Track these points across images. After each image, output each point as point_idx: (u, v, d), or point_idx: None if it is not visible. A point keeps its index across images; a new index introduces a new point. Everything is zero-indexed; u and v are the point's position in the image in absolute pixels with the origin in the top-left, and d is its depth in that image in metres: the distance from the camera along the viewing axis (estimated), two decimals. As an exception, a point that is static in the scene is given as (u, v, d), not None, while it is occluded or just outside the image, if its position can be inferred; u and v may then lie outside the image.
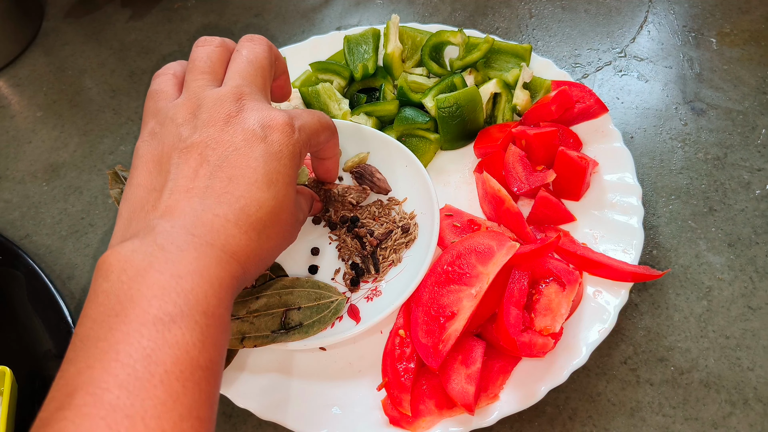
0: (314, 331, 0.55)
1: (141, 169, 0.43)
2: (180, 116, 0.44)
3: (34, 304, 0.64)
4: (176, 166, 0.42)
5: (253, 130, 0.43)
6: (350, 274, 0.61)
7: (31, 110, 0.87)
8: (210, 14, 0.97)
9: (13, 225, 0.75)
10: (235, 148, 0.42)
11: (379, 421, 0.53)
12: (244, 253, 0.41)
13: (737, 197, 0.67)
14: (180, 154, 0.42)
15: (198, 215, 0.40)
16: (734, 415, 0.54)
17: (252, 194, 0.42)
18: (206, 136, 0.42)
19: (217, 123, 0.43)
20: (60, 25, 0.98)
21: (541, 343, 0.50)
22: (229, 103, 0.44)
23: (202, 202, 0.40)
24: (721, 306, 0.60)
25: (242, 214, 0.41)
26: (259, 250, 0.42)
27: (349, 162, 0.67)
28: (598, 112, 0.68)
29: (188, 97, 0.45)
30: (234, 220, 0.40)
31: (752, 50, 0.80)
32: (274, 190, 0.43)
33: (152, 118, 0.46)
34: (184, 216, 0.39)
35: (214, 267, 0.38)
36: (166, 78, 0.48)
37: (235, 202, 0.41)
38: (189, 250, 0.38)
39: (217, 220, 0.40)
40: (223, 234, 0.40)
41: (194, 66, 0.47)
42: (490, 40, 0.71)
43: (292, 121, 0.45)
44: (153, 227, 0.39)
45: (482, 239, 0.57)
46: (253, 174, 0.42)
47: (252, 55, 0.48)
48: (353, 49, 0.76)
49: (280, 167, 0.43)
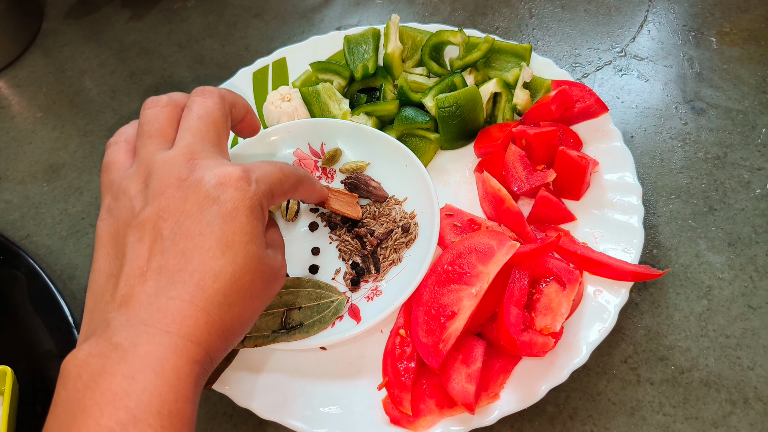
0: (315, 331, 0.55)
1: (100, 251, 0.42)
2: (132, 187, 0.42)
3: (35, 304, 0.64)
4: (131, 246, 0.40)
5: (206, 192, 0.41)
6: (351, 273, 0.61)
7: (31, 111, 0.87)
8: (209, 15, 0.97)
9: (13, 225, 0.75)
10: (188, 215, 0.40)
11: (379, 420, 0.53)
12: (205, 332, 0.38)
13: (737, 196, 0.67)
14: (134, 231, 0.40)
15: (152, 301, 0.38)
16: (734, 414, 0.54)
17: (206, 265, 0.39)
18: (158, 207, 0.40)
19: (168, 189, 0.41)
20: (60, 26, 0.98)
21: (542, 342, 0.50)
22: (180, 165, 0.42)
23: (156, 285, 0.38)
24: (722, 305, 0.60)
25: (197, 291, 0.38)
26: (223, 324, 0.39)
27: (346, 165, 0.67)
28: (598, 112, 0.68)
29: (139, 165, 0.43)
30: (189, 299, 0.38)
31: (752, 49, 0.80)
32: (230, 254, 0.40)
33: (107, 192, 0.44)
34: (139, 304, 0.38)
35: (169, 358, 0.36)
36: (117, 147, 0.46)
37: (189, 279, 0.38)
38: (142, 344, 0.36)
39: (172, 302, 0.38)
40: (178, 317, 0.37)
41: (143, 130, 0.45)
42: (490, 39, 0.71)
43: (248, 174, 0.42)
44: (109, 322, 0.37)
45: (482, 239, 0.57)
46: (206, 242, 0.39)
47: (202, 110, 0.46)
48: (353, 49, 0.76)
49: (235, 227, 0.40)
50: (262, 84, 0.78)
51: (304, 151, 0.69)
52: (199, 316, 0.38)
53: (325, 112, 0.71)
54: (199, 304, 0.38)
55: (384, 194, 0.65)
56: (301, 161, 0.69)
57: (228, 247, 0.40)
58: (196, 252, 0.39)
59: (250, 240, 0.41)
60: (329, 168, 0.69)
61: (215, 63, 0.90)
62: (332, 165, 0.68)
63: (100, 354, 0.36)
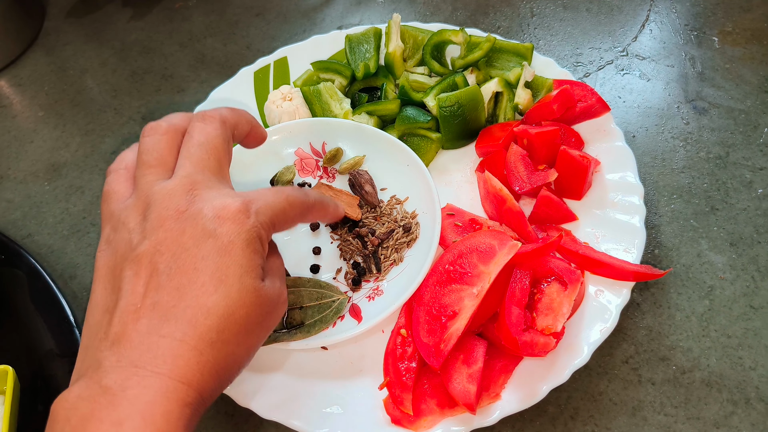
0: (316, 331, 0.55)
1: (98, 284, 0.41)
2: (131, 219, 0.42)
3: (36, 303, 0.64)
4: (127, 281, 0.39)
5: (203, 225, 0.40)
6: (352, 273, 0.61)
7: (32, 110, 0.87)
8: (211, 14, 0.97)
9: (14, 224, 0.75)
10: (184, 249, 0.39)
11: (380, 420, 0.53)
12: (197, 373, 0.37)
13: (739, 196, 0.67)
14: (131, 265, 0.40)
15: (144, 341, 0.37)
16: (736, 415, 0.54)
17: (198, 301, 0.38)
18: (155, 241, 0.40)
19: (166, 222, 0.40)
20: (61, 25, 0.98)
21: (543, 342, 0.50)
22: (179, 197, 0.41)
23: (149, 323, 0.37)
24: (723, 305, 0.60)
25: (189, 328, 0.37)
26: (216, 363, 0.38)
27: (344, 164, 0.67)
28: (600, 111, 0.67)
29: (138, 196, 0.43)
30: (180, 337, 0.37)
31: (754, 49, 0.80)
32: (224, 289, 0.39)
33: (107, 223, 0.43)
34: (131, 344, 0.37)
35: (159, 402, 0.35)
36: (117, 175, 0.46)
37: (182, 316, 0.38)
38: (132, 388, 0.35)
39: (163, 341, 0.37)
40: (169, 357, 0.37)
41: (141, 160, 0.44)
42: (491, 39, 0.71)
43: (247, 207, 0.42)
44: (100, 362, 0.37)
45: (484, 238, 0.57)
46: (200, 276, 0.39)
47: (203, 137, 0.45)
48: (355, 49, 0.76)
49: (230, 262, 0.39)
50: (264, 83, 0.78)
51: (306, 151, 0.69)
52: (190, 355, 0.37)
53: (326, 112, 0.71)
54: (190, 342, 0.37)
55: (375, 202, 0.65)
56: (303, 160, 0.69)
57: (221, 281, 0.39)
58: (189, 288, 0.38)
59: (244, 273, 0.40)
60: (330, 167, 0.69)
61: (216, 62, 0.90)
62: (333, 164, 0.68)
63: (89, 398, 0.35)
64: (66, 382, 0.59)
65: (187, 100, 0.85)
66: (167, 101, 0.85)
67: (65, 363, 0.60)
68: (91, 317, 0.41)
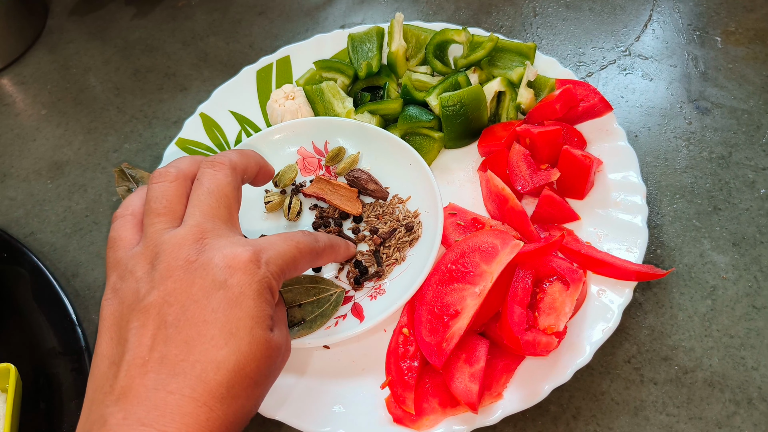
0: (317, 326, 0.55)
1: (103, 335, 0.40)
2: (139, 268, 0.41)
3: (39, 301, 0.64)
4: (134, 333, 0.38)
5: (213, 276, 0.39)
6: (354, 272, 0.61)
7: (35, 108, 0.87)
8: (214, 12, 0.97)
9: (17, 223, 0.75)
10: (194, 301, 0.39)
11: (382, 419, 0.53)
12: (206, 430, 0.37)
13: (742, 196, 0.67)
14: (138, 317, 0.39)
15: (151, 397, 0.36)
16: (738, 415, 0.54)
17: (208, 355, 0.37)
18: (164, 292, 0.39)
19: (176, 272, 0.39)
20: (64, 23, 0.98)
21: (545, 341, 0.50)
22: (188, 247, 0.41)
23: (157, 378, 0.37)
24: (726, 305, 0.60)
25: (198, 383, 0.37)
26: (226, 419, 0.38)
27: (342, 164, 0.67)
28: (603, 111, 0.67)
29: (146, 245, 0.42)
30: (189, 394, 0.36)
31: (757, 49, 0.80)
32: (234, 343, 0.38)
33: (113, 270, 0.43)
34: (138, 400, 0.36)
35: None
36: (124, 221, 0.45)
37: (191, 370, 0.37)
38: None
39: (171, 398, 0.36)
40: (177, 415, 0.36)
41: (150, 208, 0.44)
42: (494, 38, 0.71)
43: (258, 256, 0.41)
44: (106, 419, 0.36)
45: (486, 238, 0.57)
46: (210, 329, 0.38)
47: (213, 185, 0.45)
48: (357, 48, 0.76)
49: (241, 314, 0.39)
50: (266, 82, 0.78)
51: (308, 150, 0.69)
52: (200, 412, 0.36)
53: (328, 111, 0.71)
54: (200, 399, 0.36)
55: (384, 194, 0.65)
56: (305, 159, 0.69)
57: (232, 334, 0.38)
58: (199, 341, 0.38)
59: (255, 324, 0.40)
60: (333, 166, 0.69)
61: (219, 61, 0.90)
62: (335, 163, 0.68)
63: None
64: (67, 380, 0.59)
65: (189, 99, 0.85)
66: (170, 99, 0.85)
67: (67, 361, 0.60)
68: (96, 369, 0.40)
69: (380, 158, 0.67)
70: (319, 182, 0.66)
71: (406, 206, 0.64)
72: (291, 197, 0.65)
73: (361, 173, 0.66)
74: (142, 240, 0.43)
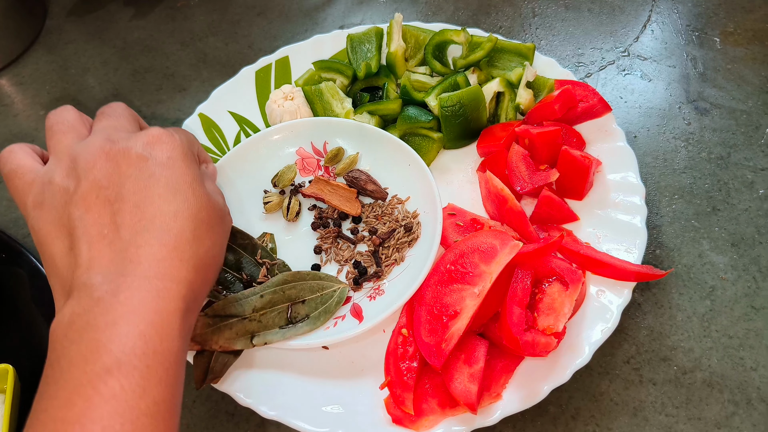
0: (322, 321, 0.55)
1: (45, 241, 0.41)
2: (57, 176, 0.42)
3: (37, 302, 0.64)
4: (80, 220, 0.40)
5: (137, 154, 0.42)
6: (353, 273, 0.61)
7: (34, 109, 0.87)
8: (213, 13, 0.97)
9: (16, 223, 0.75)
10: (127, 177, 0.41)
11: (381, 420, 0.53)
12: (182, 270, 0.40)
13: (741, 197, 0.67)
14: (77, 207, 0.40)
15: (122, 255, 0.38)
16: (737, 415, 0.54)
17: (162, 209, 0.41)
18: (93, 179, 0.41)
19: (98, 162, 0.42)
20: (63, 24, 0.98)
21: (544, 342, 0.50)
22: (101, 143, 0.43)
23: (121, 241, 0.39)
24: (725, 306, 0.60)
25: (163, 233, 0.40)
26: (197, 259, 0.41)
27: (341, 165, 0.67)
28: (602, 112, 0.67)
29: (58, 157, 0.44)
30: (158, 243, 0.39)
31: (756, 49, 0.80)
32: (181, 195, 0.42)
33: (25, 195, 0.43)
34: (110, 261, 0.38)
35: (150, 300, 0.37)
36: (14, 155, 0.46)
37: (151, 225, 0.40)
38: (123, 292, 0.37)
39: (142, 250, 0.39)
40: (153, 261, 0.39)
41: (54, 130, 0.46)
42: (493, 39, 0.71)
43: (167, 130, 0.46)
44: (85, 283, 0.38)
45: (485, 238, 0.57)
46: (155, 190, 0.41)
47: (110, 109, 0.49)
48: (356, 48, 0.76)
49: (177, 173, 0.43)
50: (265, 82, 0.78)
51: (307, 150, 0.69)
52: (172, 255, 0.39)
53: (327, 111, 0.71)
54: (169, 244, 0.40)
55: (384, 194, 0.65)
56: (304, 160, 0.69)
57: (177, 190, 0.42)
58: (148, 201, 0.41)
59: (192, 180, 0.44)
60: (332, 167, 0.69)
61: (218, 61, 0.90)
62: (334, 164, 0.68)
63: (83, 311, 0.36)
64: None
65: (188, 99, 0.85)
66: (169, 100, 0.85)
67: (66, 362, 0.60)
68: (52, 267, 0.41)
69: (379, 159, 0.67)
70: (318, 183, 0.66)
71: (405, 207, 0.64)
72: (290, 198, 0.65)
73: (360, 174, 0.66)
74: (51, 158, 0.44)
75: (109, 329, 0.35)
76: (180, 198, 0.42)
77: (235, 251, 0.59)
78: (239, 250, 0.59)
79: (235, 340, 0.53)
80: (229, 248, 0.59)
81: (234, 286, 0.58)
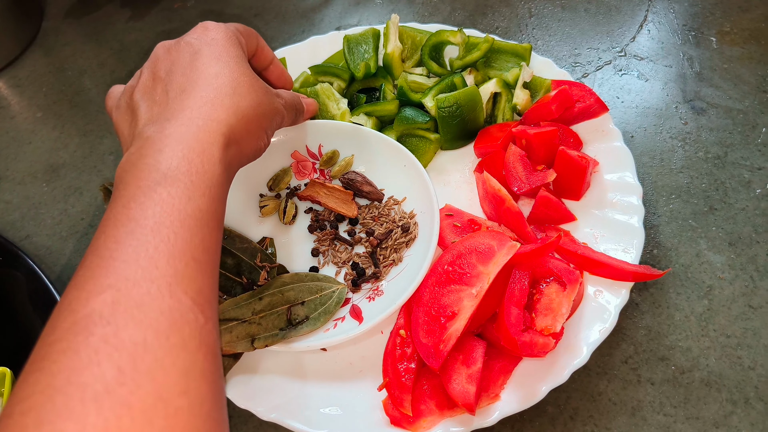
0: (322, 323, 0.55)
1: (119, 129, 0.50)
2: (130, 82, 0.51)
3: (34, 305, 0.64)
4: (139, 100, 0.48)
5: (187, 43, 0.49)
6: (351, 274, 0.61)
7: (31, 111, 0.87)
8: (209, 14, 0.97)
9: (13, 226, 0.75)
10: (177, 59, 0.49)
11: (380, 421, 0.53)
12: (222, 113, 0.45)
13: (738, 196, 0.67)
14: (138, 91, 0.48)
15: (171, 108, 0.45)
16: (735, 414, 0.54)
17: (206, 72, 0.47)
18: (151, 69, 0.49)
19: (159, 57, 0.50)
20: (60, 26, 0.98)
21: (542, 342, 0.50)
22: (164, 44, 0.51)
23: (169, 100, 0.46)
24: (722, 305, 0.60)
25: (206, 89, 0.46)
26: (239, 108, 0.47)
27: (336, 167, 0.67)
28: (599, 112, 0.67)
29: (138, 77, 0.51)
30: (201, 95, 0.46)
31: (752, 49, 0.80)
32: (222, 62, 0.48)
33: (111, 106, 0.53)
34: (161, 115, 0.45)
35: (192, 133, 0.43)
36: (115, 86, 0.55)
37: (195, 84, 0.46)
38: (167, 129, 0.43)
39: (185, 102, 0.45)
40: (194, 107, 0.45)
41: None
42: (489, 39, 0.71)
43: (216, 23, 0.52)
44: (141, 133, 0.44)
45: (483, 239, 0.57)
46: (200, 60, 0.48)
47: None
48: (353, 49, 0.76)
49: (220, 48, 0.49)
50: (262, 84, 0.77)
51: (302, 153, 0.69)
52: (214, 101, 0.46)
53: (323, 112, 0.71)
54: (210, 95, 0.46)
55: (380, 195, 0.65)
56: (299, 163, 0.69)
57: (218, 58, 0.48)
58: (194, 69, 0.47)
59: (236, 56, 0.50)
60: (327, 170, 0.69)
61: (215, 63, 0.89)
62: (330, 166, 0.68)
63: (136, 150, 0.43)
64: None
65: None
66: (166, 102, 0.85)
67: (64, 364, 0.60)
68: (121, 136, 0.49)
69: (375, 160, 0.67)
70: (313, 185, 0.66)
71: (401, 208, 0.64)
72: (286, 201, 0.65)
73: (356, 176, 0.66)
74: None
75: (156, 155, 0.41)
76: (221, 63, 0.48)
77: (234, 255, 0.59)
78: (238, 254, 0.59)
79: (236, 343, 0.53)
80: (229, 252, 0.59)
81: (234, 289, 0.58)
